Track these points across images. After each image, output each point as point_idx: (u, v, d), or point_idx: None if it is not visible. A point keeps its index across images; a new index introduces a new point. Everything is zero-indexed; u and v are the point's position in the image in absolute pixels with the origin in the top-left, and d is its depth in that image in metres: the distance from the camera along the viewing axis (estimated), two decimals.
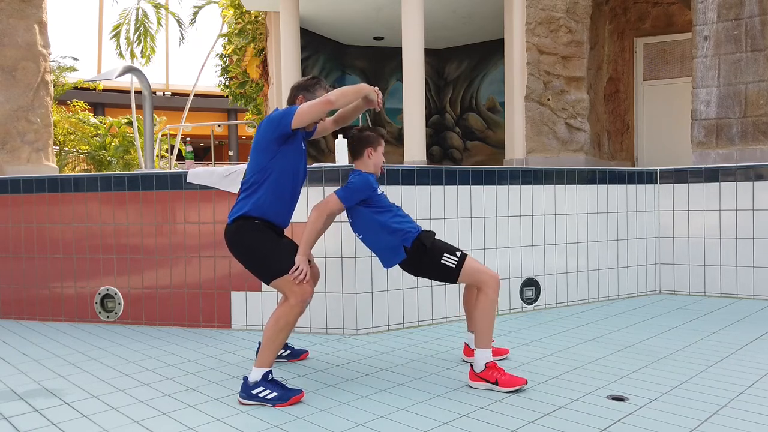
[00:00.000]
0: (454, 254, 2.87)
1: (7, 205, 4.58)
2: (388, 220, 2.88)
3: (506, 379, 2.74)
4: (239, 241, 2.81)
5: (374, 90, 2.92)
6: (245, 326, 4.11)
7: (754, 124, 5.20)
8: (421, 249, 2.88)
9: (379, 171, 3.03)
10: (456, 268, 2.85)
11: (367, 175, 2.92)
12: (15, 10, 5.51)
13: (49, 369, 3.26)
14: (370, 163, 2.98)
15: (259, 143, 2.83)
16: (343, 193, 2.85)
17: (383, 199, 2.95)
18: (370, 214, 2.89)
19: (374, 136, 3.00)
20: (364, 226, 2.93)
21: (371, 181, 2.90)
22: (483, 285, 2.84)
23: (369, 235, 2.94)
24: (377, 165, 3.00)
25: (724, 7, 5.32)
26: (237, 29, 11.87)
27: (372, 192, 2.89)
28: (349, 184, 2.88)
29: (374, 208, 2.89)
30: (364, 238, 2.98)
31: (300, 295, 2.70)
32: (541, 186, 4.66)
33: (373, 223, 2.89)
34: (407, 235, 2.88)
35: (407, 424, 2.39)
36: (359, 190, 2.86)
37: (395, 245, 2.88)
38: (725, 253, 4.99)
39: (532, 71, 6.39)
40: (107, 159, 15.37)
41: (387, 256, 2.94)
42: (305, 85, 3.00)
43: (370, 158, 2.98)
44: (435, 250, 2.88)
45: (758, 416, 2.41)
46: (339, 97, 2.78)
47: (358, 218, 2.93)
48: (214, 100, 24.60)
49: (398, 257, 2.91)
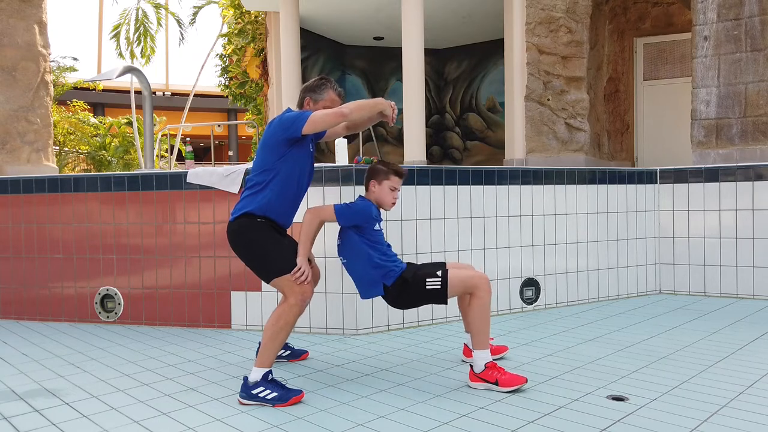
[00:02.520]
0: (436, 275, 2.83)
1: (7, 205, 4.58)
2: (374, 254, 2.84)
3: (506, 378, 2.74)
4: (241, 238, 2.81)
5: (390, 105, 2.91)
6: (245, 326, 4.11)
7: (754, 124, 5.21)
8: (403, 285, 2.85)
9: (385, 206, 2.94)
10: (442, 289, 2.81)
11: (370, 204, 2.88)
12: (15, 10, 5.51)
13: (49, 369, 3.26)
14: (372, 196, 2.93)
15: (267, 141, 2.83)
16: (340, 209, 2.81)
17: (378, 235, 2.89)
18: (359, 242, 2.84)
19: (382, 170, 2.92)
20: (350, 252, 2.89)
21: (372, 212, 2.85)
22: (474, 289, 2.83)
23: (352, 262, 2.90)
24: (380, 200, 2.92)
25: (724, 7, 5.32)
26: (237, 29, 11.87)
27: (368, 223, 2.84)
28: (350, 205, 2.86)
29: (365, 239, 2.84)
30: (347, 264, 2.93)
31: (300, 295, 2.70)
32: (541, 186, 4.66)
33: (359, 252, 2.85)
34: (390, 273, 2.84)
35: (407, 424, 2.39)
36: (356, 214, 2.82)
37: (375, 280, 2.86)
38: (725, 253, 4.99)
39: (532, 71, 6.39)
40: (107, 159, 15.37)
41: (365, 288, 2.91)
42: (312, 86, 3.00)
43: (373, 191, 2.92)
44: (417, 279, 2.84)
45: (758, 416, 2.41)
46: (354, 110, 2.78)
47: (347, 242, 2.89)
48: (214, 100, 24.61)
49: (376, 292, 2.88)
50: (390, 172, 2.91)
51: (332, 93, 2.97)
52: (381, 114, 2.95)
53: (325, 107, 2.91)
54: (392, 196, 2.93)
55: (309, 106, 2.96)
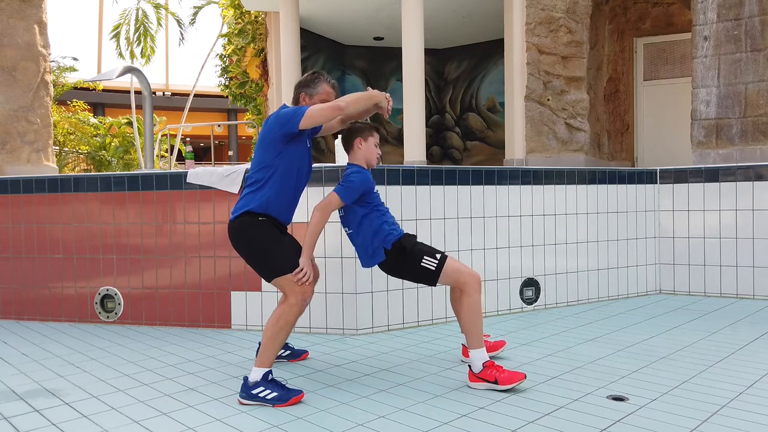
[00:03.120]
0: (434, 257, 2.87)
1: (7, 205, 4.58)
2: (375, 221, 2.90)
3: (505, 376, 2.75)
4: (242, 237, 2.81)
5: (385, 97, 2.94)
6: (245, 326, 4.11)
7: (754, 124, 5.21)
8: (400, 251, 2.89)
9: (372, 163, 3.02)
10: (436, 271, 2.85)
11: (365, 172, 2.94)
12: (15, 10, 5.51)
13: (49, 369, 3.26)
14: (360, 154, 2.98)
15: (264, 139, 2.83)
16: (342, 190, 2.85)
17: (377, 198, 2.98)
18: (361, 213, 2.91)
19: (364, 127, 3.01)
20: (353, 222, 2.94)
21: (369, 178, 2.93)
22: (464, 286, 2.85)
23: (356, 232, 2.95)
24: (368, 157, 2.99)
25: (724, 7, 5.32)
26: (237, 29, 11.87)
27: (369, 189, 2.91)
28: (348, 182, 2.88)
29: (366, 208, 2.91)
30: (350, 234, 3.00)
31: (300, 295, 2.70)
32: (541, 186, 4.66)
33: (362, 222, 2.91)
34: (388, 237, 2.89)
35: (407, 424, 2.39)
36: (358, 188, 2.87)
37: (377, 246, 2.90)
38: (725, 253, 5.00)
39: (532, 71, 6.39)
40: (107, 159, 15.37)
41: (368, 255, 2.95)
42: (305, 81, 3.01)
43: (360, 148, 2.98)
44: (415, 252, 2.89)
45: (758, 416, 2.41)
46: (350, 103, 2.81)
47: (351, 213, 2.95)
48: (214, 100, 24.61)
49: (377, 258, 2.92)
50: (372, 128, 3.02)
51: (326, 86, 2.98)
52: (376, 106, 2.96)
53: (321, 101, 2.92)
54: (377, 152, 3.02)
55: (305, 102, 2.96)
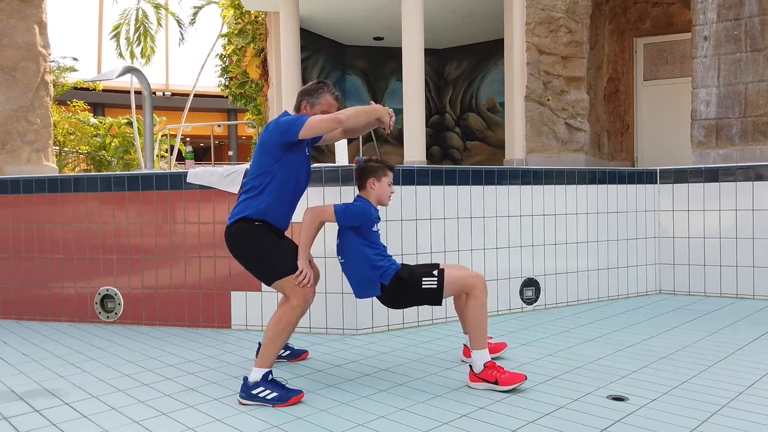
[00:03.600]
0: (432, 274, 2.84)
1: (7, 205, 4.58)
2: (371, 255, 2.85)
3: (506, 377, 2.75)
4: (240, 243, 2.81)
5: (388, 112, 2.92)
6: (245, 326, 4.11)
7: (754, 124, 5.21)
8: (399, 283, 2.86)
9: (384, 203, 2.98)
10: (438, 288, 2.82)
11: (370, 205, 2.89)
12: (15, 10, 5.51)
13: (49, 369, 3.26)
14: (372, 194, 2.94)
15: (264, 145, 2.83)
16: (340, 209, 2.82)
17: (375, 236, 2.91)
18: (357, 243, 2.85)
19: (378, 167, 2.94)
20: (348, 252, 2.89)
21: (372, 213, 2.87)
22: (471, 289, 2.83)
23: (350, 262, 2.90)
24: (380, 197, 2.95)
25: (723, 7, 5.32)
26: (237, 29, 11.87)
27: (368, 224, 2.86)
28: (350, 205, 2.86)
29: (363, 240, 2.86)
30: (344, 264, 2.94)
31: (302, 296, 2.70)
32: (541, 186, 4.66)
33: (357, 253, 2.86)
34: (386, 272, 2.85)
35: (407, 425, 2.39)
36: (356, 216, 2.83)
37: (372, 280, 2.86)
38: (725, 253, 5.00)
39: (532, 71, 6.39)
40: (107, 159, 15.37)
41: (362, 288, 2.92)
42: (309, 90, 3.00)
43: (373, 189, 2.93)
44: (414, 278, 2.85)
45: (758, 416, 2.41)
46: (350, 117, 2.79)
47: (346, 242, 2.90)
48: (214, 100, 24.60)
49: (373, 292, 2.89)
50: (385, 168, 2.96)
51: (330, 97, 2.97)
52: (378, 120, 2.95)
53: (323, 111, 2.92)
54: (390, 191, 2.98)
55: (306, 110, 2.96)
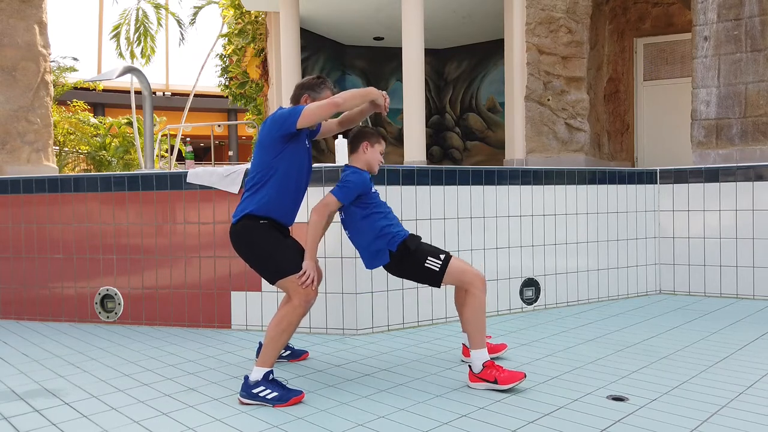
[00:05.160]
0: (438, 257, 2.87)
1: (7, 205, 4.58)
2: (377, 222, 2.89)
3: (505, 376, 2.75)
4: (245, 240, 2.81)
5: (382, 94, 2.93)
6: (245, 326, 4.10)
7: (754, 124, 5.20)
8: (405, 252, 2.88)
9: (374, 169, 3.03)
10: (440, 272, 2.85)
11: (362, 173, 2.94)
12: (15, 10, 5.51)
13: (49, 369, 3.26)
14: (364, 158, 2.98)
15: (263, 141, 2.84)
16: (339, 192, 2.85)
17: (376, 197, 2.97)
18: (360, 214, 2.90)
19: (374, 133, 3.03)
20: (354, 225, 2.94)
21: (367, 178, 2.93)
22: (469, 286, 2.84)
23: (357, 234, 2.95)
24: (371, 163, 3.00)
25: (724, 7, 5.32)
26: (237, 29, 11.86)
27: (366, 190, 2.90)
28: (345, 183, 2.88)
29: (366, 209, 2.90)
30: (351, 236, 2.99)
31: (304, 296, 2.70)
32: (541, 186, 4.66)
33: (362, 224, 2.90)
34: (394, 238, 2.89)
35: (407, 425, 2.39)
36: (355, 188, 2.86)
37: (380, 248, 2.89)
38: (725, 253, 4.99)
39: (532, 71, 6.39)
40: (107, 159, 15.37)
41: (371, 257, 2.94)
42: (310, 84, 3.01)
43: (365, 153, 2.98)
44: (419, 253, 2.88)
45: (758, 416, 2.41)
46: (346, 99, 2.80)
47: (350, 216, 2.95)
48: (214, 100, 24.59)
49: (382, 260, 2.92)
50: (380, 136, 3.04)
51: (329, 93, 2.99)
52: (373, 104, 2.96)
53: None
54: (380, 160, 3.03)
55: (306, 103, 2.96)
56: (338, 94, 2.82)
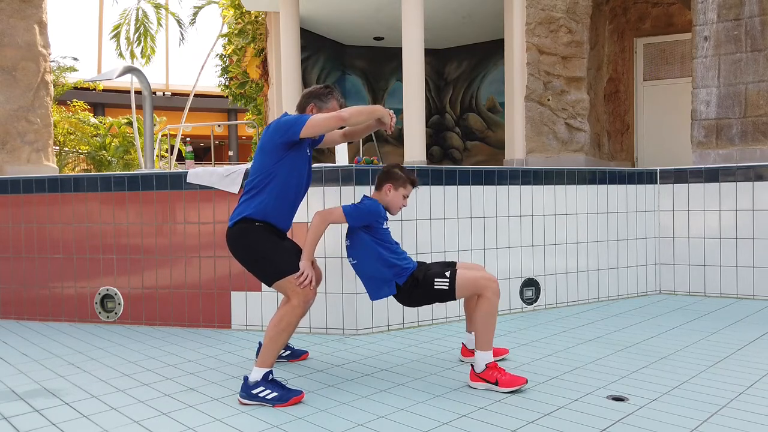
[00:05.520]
0: (444, 276, 2.85)
1: (7, 205, 4.58)
2: (384, 252, 2.87)
3: (506, 379, 2.75)
4: (241, 243, 2.81)
5: (389, 113, 2.92)
6: (245, 326, 4.11)
7: (754, 125, 5.20)
8: (413, 284, 2.87)
9: (393, 212, 2.99)
10: (450, 289, 2.83)
11: (379, 206, 2.90)
12: (15, 10, 5.51)
13: (49, 369, 3.26)
14: (386, 199, 2.95)
15: (265, 146, 2.83)
16: (350, 210, 2.83)
17: (387, 234, 2.93)
18: (371, 241, 2.86)
19: (402, 177, 2.97)
20: (361, 252, 2.90)
21: (380, 210, 2.88)
22: (484, 291, 2.83)
23: (364, 262, 2.91)
24: (393, 205, 2.96)
25: (724, 7, 5.32)
26: (237, 29, 11.87)
27: (379, 221, 2.87)
28: (358, 204, 2.87)
29: (375, 238, 2.87)
30: (357, 265, 2.94)
31: (303, 296, 2.70)
32: (541, 186, 4.66)
33: (371, 252, 2.87)
34: (402, 272, 2.87)
35: (407, 425, 2.39)
36: (366, 215, 2.84)
37: (388, 279, 2.88)
38: (725, 253, 4.99)
39: (532, 71, 6.39)
40: (107, 159, 15.37)
41: (377, 288, 2.92)
42: (318, 93, 2.99)
43: (388, 195, 2.95)
44: (427, 278, 2.87)
45: (758, 416, 2.41)
46: (353, 114, 2.78)
47: (357, 243, 2.91)
48: (214, 100, 24.60)
49: (388, 291, 2.90)
50: (408, 181, 2.97)
51: (336, 104, 2.98)
52: (379, 122, 2.95)
53: None
54: (403, 203, 2.99)
55: (312, 113, 2.95)
56: (345, 109, 2.81)
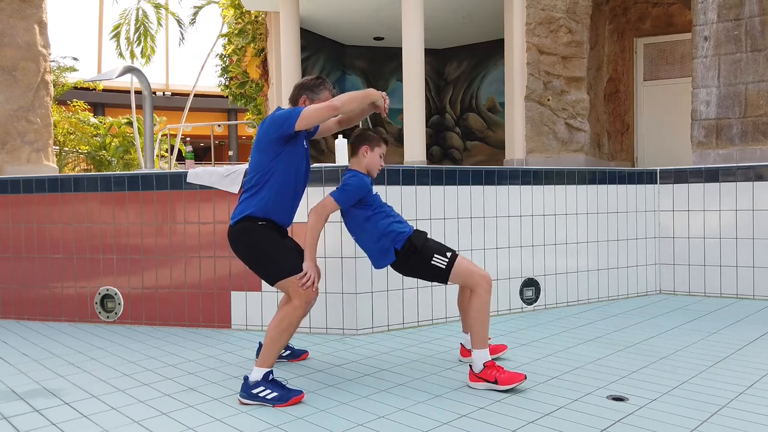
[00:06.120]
0: (445, 255, 2.88)
1: (7, 205, 4.58)
2: (380, 222, 2.90)
3: (505, 376, 2.75)
4: (243, 242, 2.81)
5: (381, 95, 2.92)
6: (245, 326, 4.11)
7: (754, 124, 5.20)
8: (411, 250, 2.89)
9: (373, 173, 3.02)
10: (446, 269, 2.86)
11: (362, 176, 2.93)
12: (15, 10, 5.51)
13: (49, 369, 3.26)
14: (363, 161, 2.98)
15: (260, 142, 2.83)
16: (339, 195, 2.85)
17: (377, 198, 2.97)
18: (362, 216, 2.91)
19: (374, 137, 3.01)
20: (356, 227, 2.95)
21: (367, 182, 2.92)
22: (475, 286, 2.85)
23: (361, 236, 2.96)
24: (371, 166, 3.00)
25: (724, 7, 5.32)
26: (237, 29, 11.86)
27: (366, 193, 2.90)
28: (345, 186, 2.88)
29: (368, 211, 2.90)
30: (356, 239, 3.01)
31: (304, 297, 2.70)
32: (541, 186, 4.66)
33: (365, 226, 2.91)
34: (399, 236, 2.90)
35: (407, 425, 2.39)
36: (355, 192, 2.87)
37: (386, 247, 2.90)
38: (725, 253, 4.99)
39: (532, 71, 6.39)
40: (107, 159, 15.37)
41: (378, 257, 2.95)
42: (309, 85, 3.00)
43: (365, 157, 2.98)
44: (425, 250, 2.89)
45: (758, 416, 2.41)
46: (346, 102, 2.78)
47: (352, 222, 2.95)
48: (214, 100, 24.60)
49: (389, 259, 2.93)
50: (381, 140, 3.02)
51: (328, 93, 2.99)
52: (373, 105, 2.95)
53: None
54: (380, 163, 3.02)
55: (305, 104, 2.95)
56: (337, 97, 2.81)
